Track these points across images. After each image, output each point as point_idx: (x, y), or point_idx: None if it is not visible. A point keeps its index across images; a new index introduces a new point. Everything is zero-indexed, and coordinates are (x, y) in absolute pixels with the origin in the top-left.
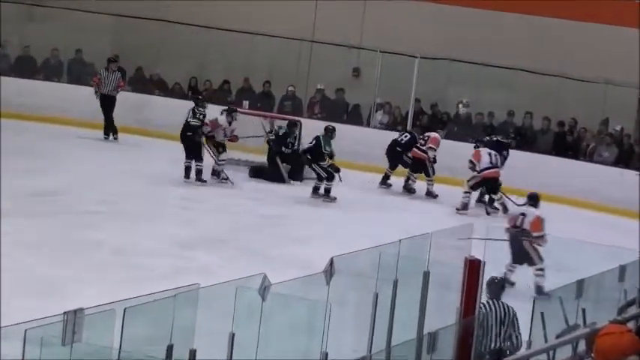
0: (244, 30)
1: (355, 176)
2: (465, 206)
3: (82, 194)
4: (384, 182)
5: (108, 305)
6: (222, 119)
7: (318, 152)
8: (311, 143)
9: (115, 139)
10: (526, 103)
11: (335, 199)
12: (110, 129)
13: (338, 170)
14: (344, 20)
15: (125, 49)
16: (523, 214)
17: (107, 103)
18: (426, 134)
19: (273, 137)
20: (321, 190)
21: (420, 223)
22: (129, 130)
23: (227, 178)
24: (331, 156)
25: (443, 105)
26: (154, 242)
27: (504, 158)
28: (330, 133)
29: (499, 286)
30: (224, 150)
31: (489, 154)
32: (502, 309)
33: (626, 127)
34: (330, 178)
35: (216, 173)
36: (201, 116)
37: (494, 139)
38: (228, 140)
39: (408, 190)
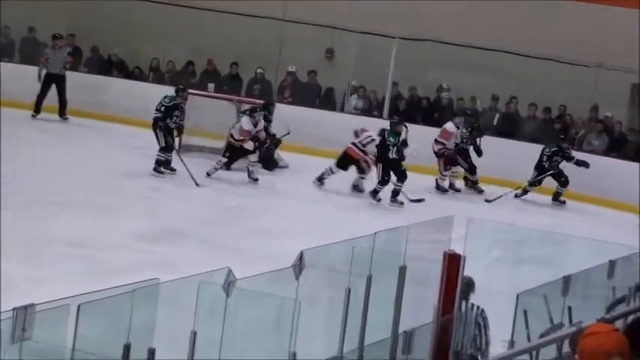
0: (210, 8)
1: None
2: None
3: (36, 183)
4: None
5: (61, 301)
6: (247, 122)
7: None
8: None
9: (65, 119)
10: (511, 87)
11: (379, 200)
12: (62, 109)
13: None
14: None
15: (82, 27)
16: None
17: (56, 83)
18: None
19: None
20: (396, 194)
21: (407, 219)
22: (85, 115)
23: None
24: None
25: (423, 89)
26: (112, 235)
27: (563, 158)
28: (393, 126)
29: (467, 285)
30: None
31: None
32: (469, 309)
33: (617, 113)
34: (383, 182)
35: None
36: (162, 108)
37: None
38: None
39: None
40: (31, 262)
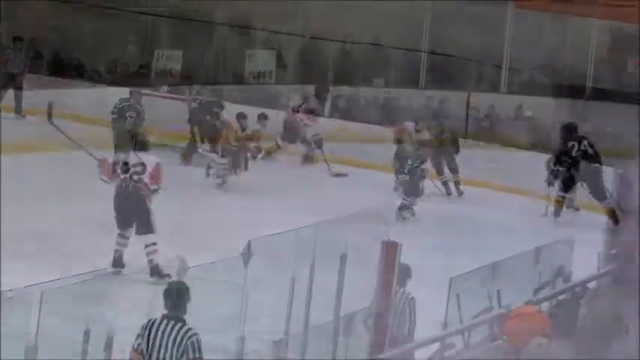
0: (169, 15)
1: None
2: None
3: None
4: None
5: (25, 288)
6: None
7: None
8: None
9: (23, 116)
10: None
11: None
12: (19, 107)
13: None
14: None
15: (43, 31)
16: None
17: (14, 83)
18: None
19: (196, 105)
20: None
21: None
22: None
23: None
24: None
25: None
26: (70, 226)
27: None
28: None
29: (404, 272)
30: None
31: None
32: (402, 296)
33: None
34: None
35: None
36: (115, 109)
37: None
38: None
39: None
40: None
